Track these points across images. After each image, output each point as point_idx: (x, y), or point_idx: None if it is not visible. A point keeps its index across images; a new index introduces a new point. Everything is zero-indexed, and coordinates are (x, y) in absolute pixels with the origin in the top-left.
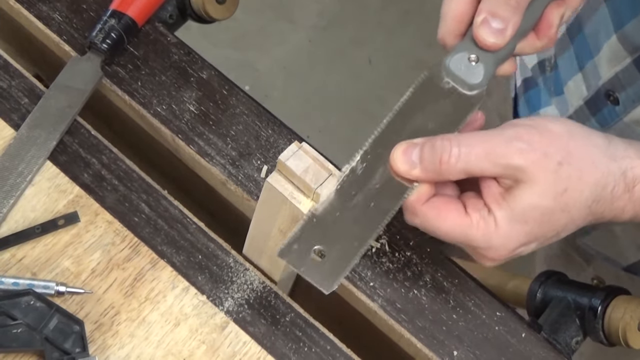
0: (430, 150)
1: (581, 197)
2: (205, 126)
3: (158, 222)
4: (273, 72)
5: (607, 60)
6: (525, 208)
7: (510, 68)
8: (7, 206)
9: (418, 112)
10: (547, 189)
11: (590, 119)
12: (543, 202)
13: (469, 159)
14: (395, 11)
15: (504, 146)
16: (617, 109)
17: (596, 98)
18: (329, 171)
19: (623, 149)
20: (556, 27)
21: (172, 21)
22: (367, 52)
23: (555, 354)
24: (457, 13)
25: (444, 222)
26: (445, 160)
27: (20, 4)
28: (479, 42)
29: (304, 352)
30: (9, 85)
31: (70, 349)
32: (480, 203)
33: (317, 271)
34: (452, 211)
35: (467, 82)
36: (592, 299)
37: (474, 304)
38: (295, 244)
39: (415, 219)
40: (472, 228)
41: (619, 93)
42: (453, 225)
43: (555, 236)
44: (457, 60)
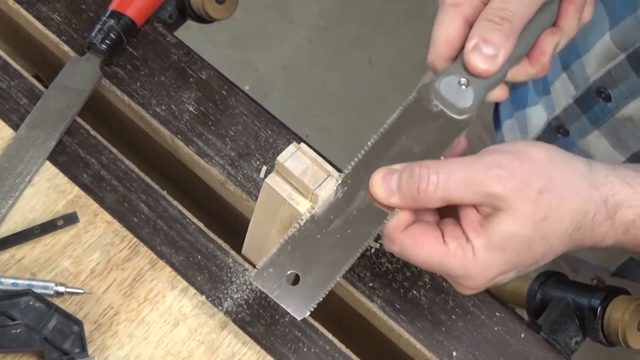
0: (408, 178)
1: (561, 226)
2: (205, 127)
3: (157, 222)
4: (273, 72)
5: (597, 59)
6: (504, 236)
7: (502, 94)
8: (6, 207)
9: (404, 135)
10: (527, 217)
11: (581, 117)
12: (522, 231)
13: (448, 187)
14: (395, 11)
15: (483, 174)
16: (609, 105)
17: (587, 96)
18: (328, 172)
19: (604, 175)
20: (549, 55)
21: (172, 21)
22: (367, 52)
23: (554, 354)
24: (448, 37)
25: (421, 251)
26: (424, 188)
27: (19, 5)
28: (470, 67)
29: (303, 353)
30: (8, 86)
31: (69, 349)
32: (458, 231)
33: (290, 296)
34: (429, 239)
35: (456, 106)
36: (591, 299)
37: (473, 305)
38: (270, 268)
39: (393, 246)
40: (450, 256)
41: (611, 90)
42: (430, 254)
43: (534, 264)
44: (447, 84)
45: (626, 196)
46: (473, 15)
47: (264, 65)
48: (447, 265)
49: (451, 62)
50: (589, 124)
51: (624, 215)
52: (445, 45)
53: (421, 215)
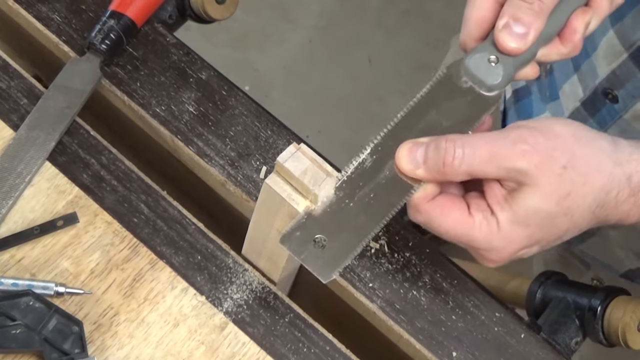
0: (434, 151)
1: (584, 202)
2: (205, 127)
3: (157, 222)
4: (273, 72)
5: (604, 57)
6: (528, 211)
7: (533, 72)
8: (6, 207)
9: (433, 109)
10: (550, 192)
11: (588, 120)
12: (546, 206)
13: (473, 162)
14: (395, 11)
15: (507, 149)
16: (616, 107)
17: (594, 98)
18: (327, 172)
19: (628, 153)
20: (581, 34)
21: (172, 21)
22: (367, 52)
23: (554, 355)
24: (479, 17)
25: (446, 221)
26: (449, 162)
27: (19, 5)
28: (500, 45)
29: (303, 353)
30: (8, 86)
31: (69, 349)
32: (483, 204)
33: (317, 259)
34: (455, 210)
35: (485, 83)
36: (591, 300)
37: (473, 305)
38: (298, 232)
39: (418, 216)
40: (475, 229)
41: (618, 90)
42: (456, 225)
43: (557, 239)
44: (477, 60)
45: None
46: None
47: (264, 65)
48: (472, 237)
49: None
50: (597, 127)
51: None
52: (476, 24)
53: (446, 187)
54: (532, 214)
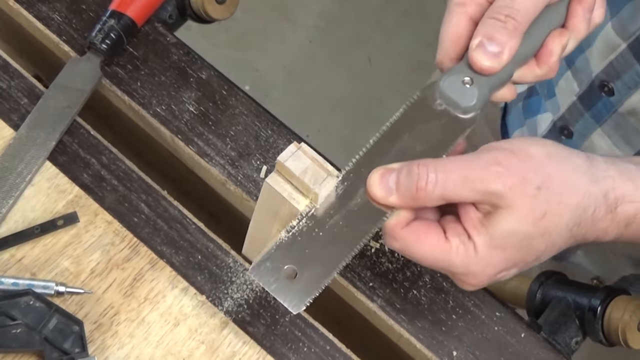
0: (406, 177)
1: (561, 221)
2: (205, 126)
3: (157, 222)
4: (273, 72)
5: (599, 52)
6: (504, 234)
7: (510, 94)
8: (6, 206)
9: (407, 133)
10: (526, 214)
11: (584, 115)
12: (522, 228)
13: (446, 186)
14: (394, 11)
15: (481, 171)
16: (612, 99)
17: (590, 91)
18: (328, 172)
19: (604, 170)
20: (557, 56)
21: (172, 21)
22: (367, 52)
23: (554, 355)
24: (455, 36)
25: (423, 247)
26: (422, 187)
27: (19, 5)
28: (474, 65)
29: (303, 352)
30: (8, 86)
31: (69, 349)
32: (460, 228)
33: (287, 291)
34: (431, 236)
35: (460, 105)
36: (591, 299)
37: (474, 304)
38: (267, 262)
39: (394, 243)
40: (452, 254)
41: (614, 82)
42: (432, 250)
43: (535, 260)
44: (451, 82)
45: (627, 191)
46: (479, 14)
47: (264, 65)
48: (450, 262)
49: (458, 62)
50: (592, 122)
51: (625, 210)
52: (452, 43)
53: (422, 212)
54: (509, 236)
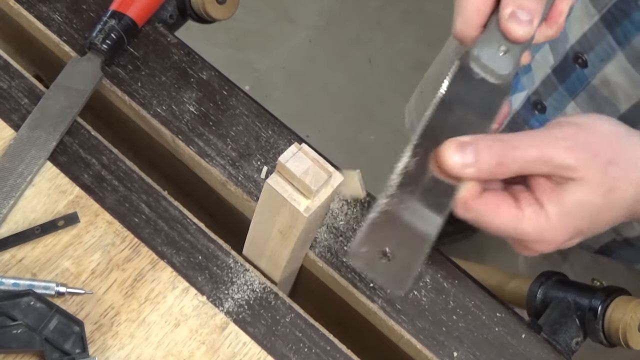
0: (487, 151)
1: (625, 196)
2: (205, 127)
3: (158, 222)
4: (273, 72)
5: (576, 21)
6: (576, 204)
7: (526, 59)
8: (7, 207)
9: (456, 104)
10: (597, 187)
11: (558, 88)
12: (592, 199)
13: (524, 161)
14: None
15: (555, 147)
16: (585, 71)
17: (564, 64)
18: (329, 172)
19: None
20: (565, 15)
21: (172, 21)
22: (367, 52)
23: (555, 355)
24: (477, 5)
25: (497, 217)
26: (503, 162)
27: (20, 5)
28: (509, 35)
29: (304, 353)
30: (9, 86)
31: (70, 349)
32: (531, 198)
33: (387, 273)
34: (504, 206)
35: (498, 73)
36: (592, 300)
37: (474, 305)
38: (364, 247)
39: (468, 214)
40: (524, 222)
41: (588, 54)
42: (506, 220)
43: (597, 230)
44: (488, 52)
45: None
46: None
47: (264, 65)
48: (523, 230)
49: (481, 30)
50: (566, 95)
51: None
52: (475, 13)
53: (488, 183)
54: (579, 206)
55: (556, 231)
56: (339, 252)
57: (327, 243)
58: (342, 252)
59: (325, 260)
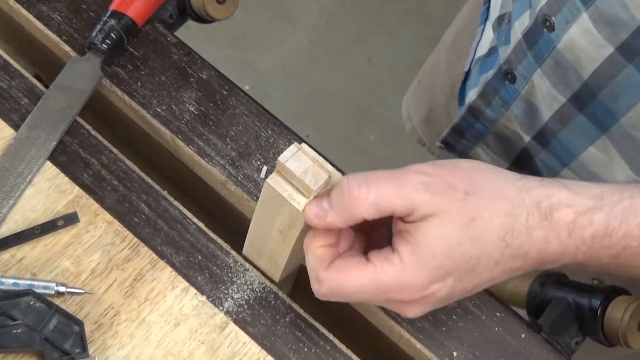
0: (338, 192)
1: (491, 228)
2: (205, 127)
3: (158, 222)
4: (273, 72)
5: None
6: (431, 239)
7: None
8: (7, 207)
9: None
10: (454, 218)
11: (527, 55)
12: (449, 232)
13: (379, 192)
14: (395, 11)
15: (410, 181)
16: (552, 36)
17: (534, 29)
18: (329, 172)
19: (537, 181)
20: None
21: (172, 21)
22: (367, 52)
23: (555, 355)
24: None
25: (350, 279)
26: (356, 195)
27: (20, 5)
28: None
29: (304, 353)
30: (9, 86)
31: (70, 349)
32: (384, 250)
33: None
34: (353, 265)
35: None
36: (592, 300)
37: (474, 305)
38: None
39: (322, 288)
40: (378, 272)
41: (555, 17)
42: (360, 278)
43: (472, 271)
44: None
45: (563, 197)
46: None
47: (264, 65)
48: (379, 282)
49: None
50: (533, 62)
51: (563, 216)
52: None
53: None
54: (436, 241)
55: (414, 273)
56: None
57: None
58: None
59: None
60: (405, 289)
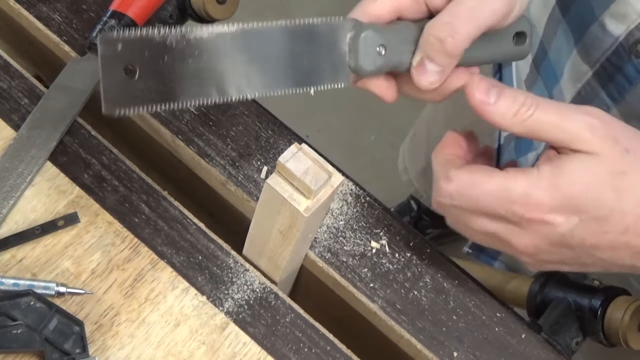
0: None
1: (636, 189)
2: (205, 127)
3: (158, 222)
4: None
5: (570, 79)
6: (576, 169)
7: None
8: (7, 207)
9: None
10: (606, 162)
11: None
12: (596, 170)
13: (541, 121)
14: None
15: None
16: None
17: None
18: (329, 173)
19: None
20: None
21: (172, 21)
22: None
23: (555, 355)
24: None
25: (480, 181)
26: (520, 114)
27: (20, 5)
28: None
29: (304, 353)
30: (9, 86)
31: (70, 349)
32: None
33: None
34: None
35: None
36: (592, 300)
37: (474, 305)
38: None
39: (450, 185)
40: (510, 179)
41: None
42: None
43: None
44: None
45: None
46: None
47: None
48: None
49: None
50: None
51: None
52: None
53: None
54: (581, 172)
55: (546, 190)
56: (339, 252)
57: (327, 243)
58: (340, 250)
59: (325, 260)
60: (531, 202)
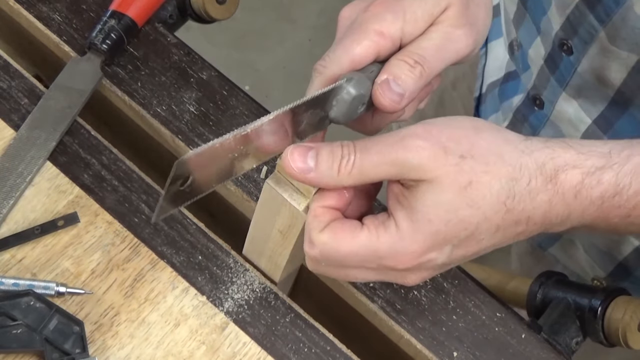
0: (328, 157)
1: (490, 192)
2: (205, 127)
3: (158, 222)
4: (273, 72)
5: (558, 8)
6: (427, 205)
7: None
8: (6, 207)
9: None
10: (449, 183)
11: (550, 79)
12: (445, 197)
13: (363, 164)
14: None
15: (399, 146)
16: (571, 59)
17: (553, 53)
18: None
19: (542, 143)
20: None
21: (172, 21)
22: None
23: (555, 355)
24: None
25: (343, 244)
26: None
27: (20, 5)
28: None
29: (304, 353)
30: (8, 86)
31: (70, 349)
32: (380, 215)
33: None
34: (347, 228)
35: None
36: (592, 300)
37: (474, 305)
38: None
39: (313, 250)
40: (373, 238)
41: (572, 39)
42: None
43: (471, 237)
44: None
45: (568, 158)
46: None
47: (264, 65)
48: (375, 249)
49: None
50: (557, 86)
51: (569, 178)
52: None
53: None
54: (432, 207)
55: (409, 239)
56: None
57: None
58: None
59: None
60: (399, 256)
